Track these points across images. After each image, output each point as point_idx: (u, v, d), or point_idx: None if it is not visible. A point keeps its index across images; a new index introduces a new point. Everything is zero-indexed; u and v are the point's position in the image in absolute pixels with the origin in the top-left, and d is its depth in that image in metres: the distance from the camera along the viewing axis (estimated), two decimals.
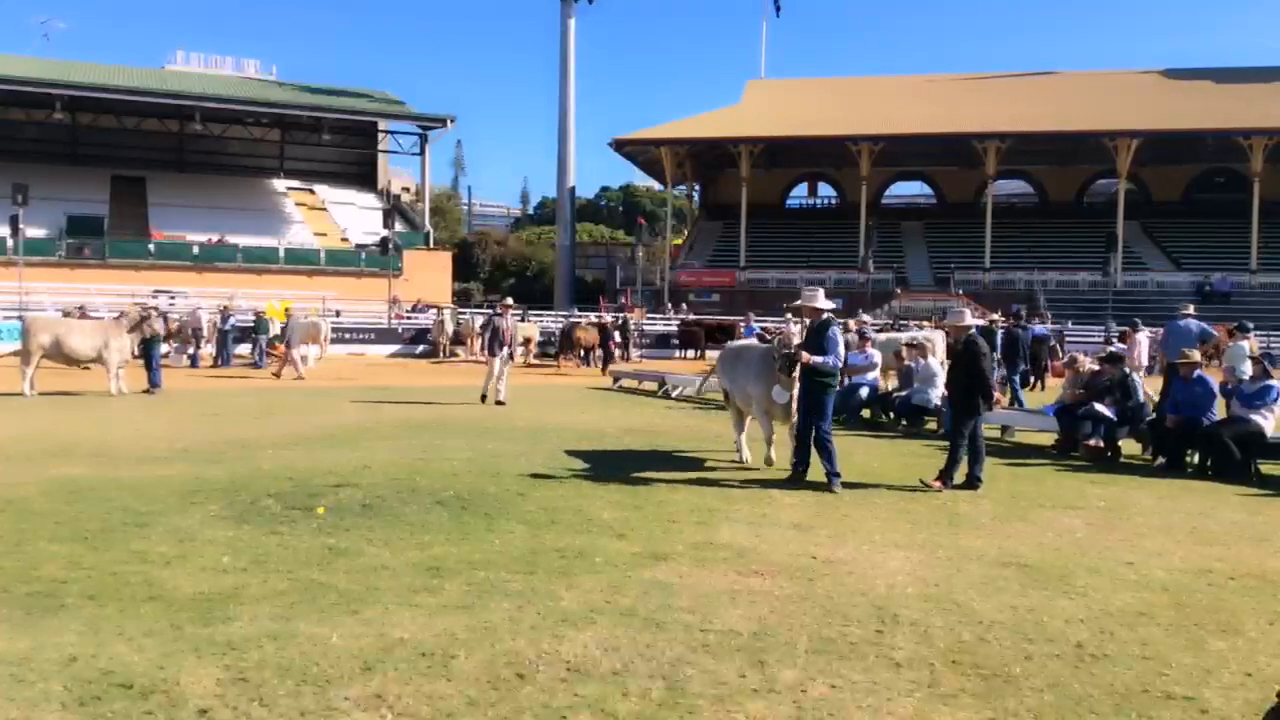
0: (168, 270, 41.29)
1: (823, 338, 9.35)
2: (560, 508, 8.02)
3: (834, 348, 9.35)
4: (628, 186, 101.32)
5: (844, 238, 52.87)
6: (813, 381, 9.30)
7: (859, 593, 5.77)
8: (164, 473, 9.48)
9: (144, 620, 5.01)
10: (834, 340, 9.37)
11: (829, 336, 9.36)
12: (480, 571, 6.04)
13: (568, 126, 56.60)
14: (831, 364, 9.36)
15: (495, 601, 5.43)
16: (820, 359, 9.22)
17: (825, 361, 9.27)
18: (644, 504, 8.31)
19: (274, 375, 23.80)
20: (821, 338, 9.35)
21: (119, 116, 49.14)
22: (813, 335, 9.45)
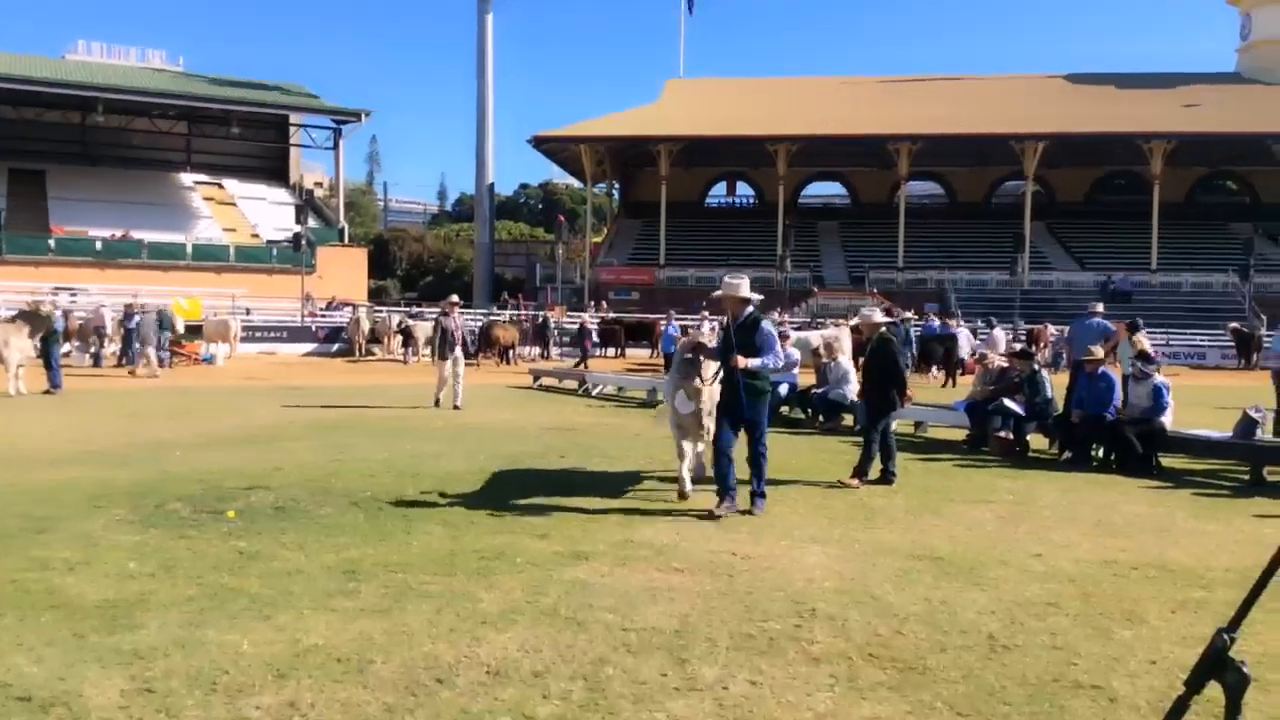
0: (69, 266, 39.84)
1: (755, 334, 7.92)
2: (480, 508, 7.93)
3: (770, 346, 7.90)
4: (547, 184, 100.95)
5: (762, 237, 53.42)
6: (747, 388, 7.78)
7: (778, 588, 5.82)
8: (66, 476, 9.13)
9: (44, 629, 4.81)
10: (769, 337, 7.95)
11: (763, 333, 7.94)
12: (398, 574, 5.93)
13: (486, 123, 56.17)
14: (772, 365, 7.99)
15: (413, 604, 5.34)
16: (757, 361, 7.79)
17: (764, 364, 7.87)
18: (564, 503, 8.26)
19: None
20: (754, 335, 7.92)
21: (17, 107, 47.11)
22: (742, 333, 7.91)
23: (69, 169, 47.60)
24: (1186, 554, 6.94)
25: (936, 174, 60.59)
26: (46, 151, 48.08)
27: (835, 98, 58.35)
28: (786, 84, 65.46)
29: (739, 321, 7.98)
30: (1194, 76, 58.30)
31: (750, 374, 7.80)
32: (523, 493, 8.62)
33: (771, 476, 9.46)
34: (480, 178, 57.24)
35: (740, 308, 8.06)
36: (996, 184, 60.76)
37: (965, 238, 54.01)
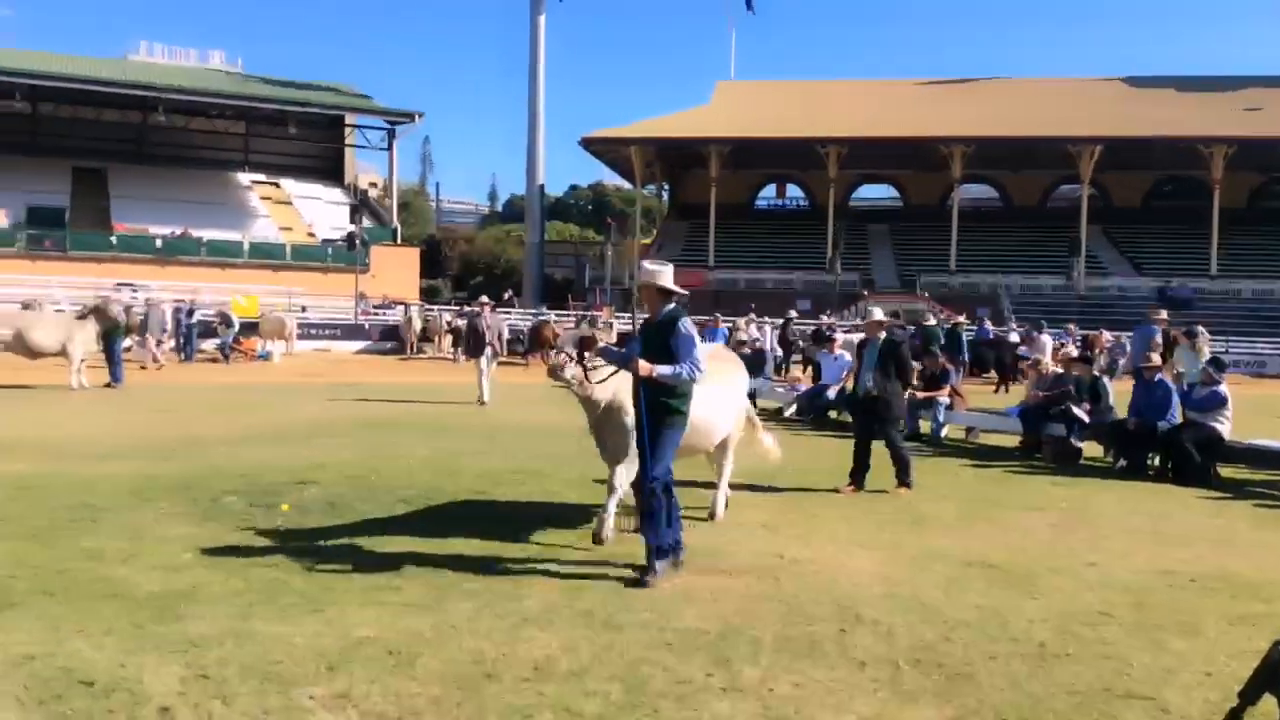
0: (130, 263, 40.70)
1: (671, 336, 6.13)
2: (519, 507, 7.99)
3: (686, 352, 6.04)
4: (597, 185, 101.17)
5: (812, 239, 53.07)
6: (649, 404, 6.09)
7: (824, 592, 5.80)
8: (120, 469, 9.34)
9: (103, 618, 4.93)
10: (686, 341, 6.08)
11: (679, 335, 6.11)
12: (441, 571, 6.00)
13: (537, 124, 56.42)
14: (686, 375, 6.04)
15: (457, 601, 5.40)
16: (667, 369, 5.99)
17: (675, 373, 6.01)
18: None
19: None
20: (669, 336, 6.14)
21: (80, 106, 48.37)
22: (656, 334, 6.25)
23: (130, 168, 48.64)
24: (1247, 566, 6.79)
25: (990, 177, 59.72)
26: (108, 150, 49.20)
27: (887, 100, 57.81)
28: (837, 86, 64.97)
29: (657, 319, 6.35)
30: (1255, 79, 56.87)
31: (655, 386, 6.06)
32: (563, 492, 8.67)
33: (819, 482, 9.46)
34: (530, 179, 57.53)
35: (659, 301, 6.35)
36: (1051, 188, 59.79)
37: (1019, 242, 53.20)
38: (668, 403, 6.14)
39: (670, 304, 6.35)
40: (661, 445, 6.14)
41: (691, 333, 6.19)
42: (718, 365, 7.44)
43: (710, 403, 7.05)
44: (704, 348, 6.53)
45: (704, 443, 7.37)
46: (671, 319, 6.24)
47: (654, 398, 6.10)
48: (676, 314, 6.28)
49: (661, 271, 6.42)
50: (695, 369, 6.07)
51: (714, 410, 7.26)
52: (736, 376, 7.95)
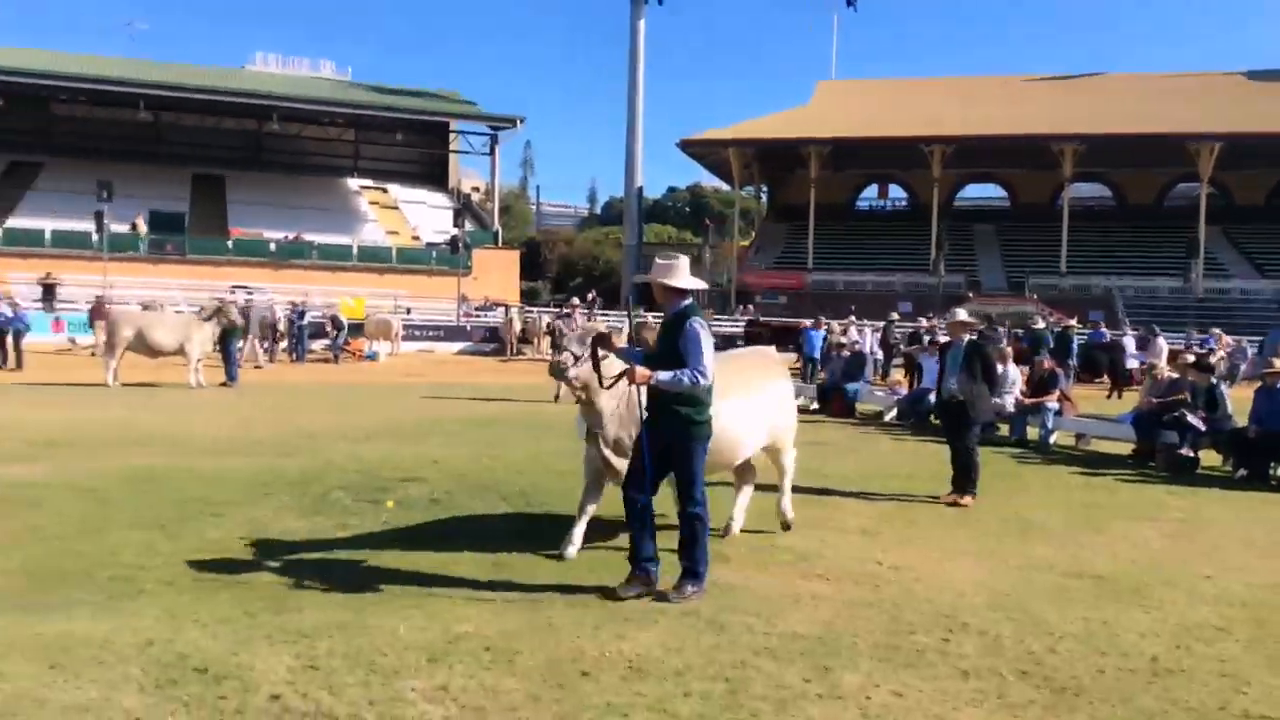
0: (246, 267, 42.26)
1: (679, 338, 5.53)
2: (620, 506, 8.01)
3: (693, 357, 5.44)
4: (695, 186, 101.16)
5: (915, 240, 52.17)
6: (668, 416, 5.57)
7: (926, 600, 5.69)
8: (237, 464, 9.71)
9: (219, 607, 5.13)
10: (694, 342, 5.47)
11: (687, 337, 5.50)
12: (544, 568, 6.08)
13: (636, 127, 56.71)
14: (688, 383, 5.43)
15: (556, 599, 5.46)
16: (666, 375, 5.44)
17: (676, 380, 5.44)
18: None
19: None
20: (677, 339, 5.54)
21: (200, 115, 50.52)
22: (666, 335, 5.71)
23: (246, 174, 50.55)
24: None
25: (1103, 175, 57.75)
26: (226, 158, 51.29)
27: (994, 97, 56.44)
28: (942, 84, 63.72)
29: (666, 319, 5.78)
30: None
31: (668, 396, 5.53)
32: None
33: (921, 488, 9.29)
34: (629, 181, 57.86)
35: (672, 300, 5.73)
36: (1168, 186, 57.56)
37: (1134, 242, 51.36)
38: (683, 413, 5.54)
39: (685, 301, 5.71)
40: (689, 465, 5.63)
41: (700, 334, 5.50)
42: (747, 373, 6.95)
43: (730, 415, 6.37)
44: (736, 352, 6.25)
45: (720, 460, 6.55)
46: (679, 318, 5.61)
47: (668, 409, 5.54)
48: (686, 312, 5.63)
49: (670, 266, 5.74)
50: (699, 375, 5.41)
51: (734, 424, 6.50)
52: (770, 385, 7.12)
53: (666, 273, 5.69)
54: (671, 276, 5.67)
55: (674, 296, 5.70)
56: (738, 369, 6.90)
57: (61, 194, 42.57)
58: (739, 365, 7.12)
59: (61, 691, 3.97)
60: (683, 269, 5.74)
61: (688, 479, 5.64)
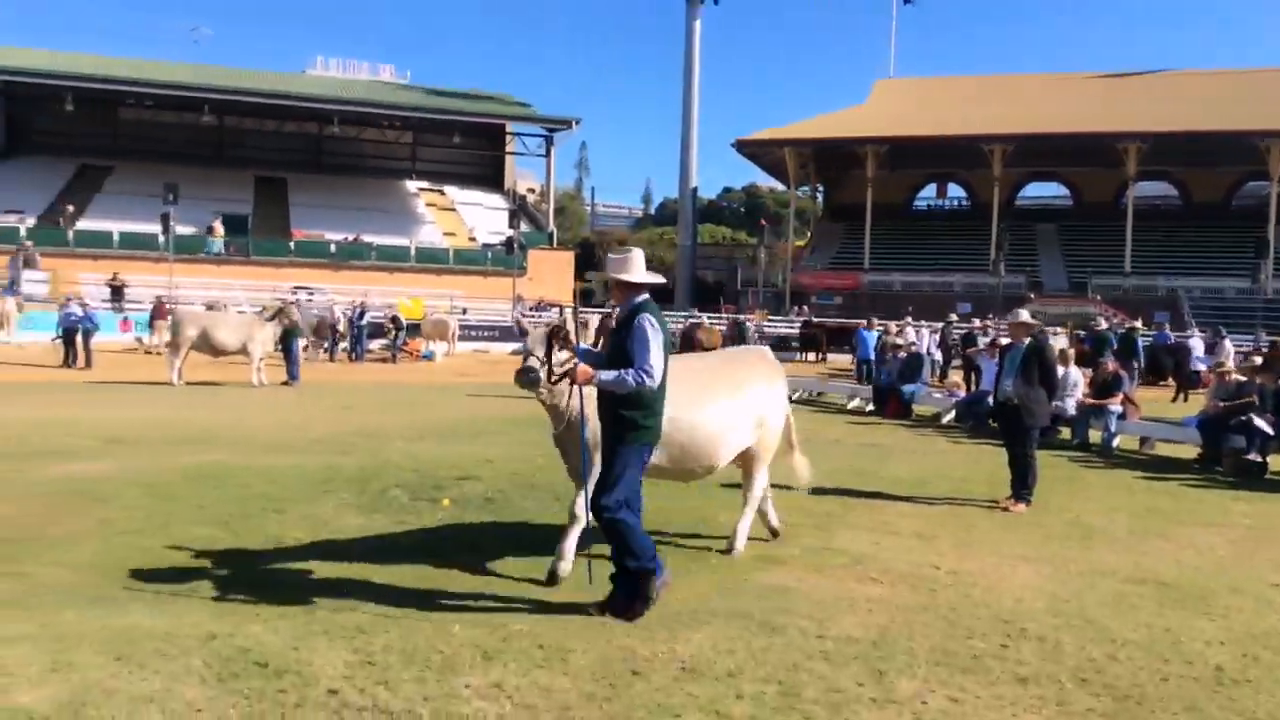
0: (307, 268, 42.93)
1: (627, 337, 5.23)
2: (675, 508, 8.02)
3: (639, 356, 5.13)
4: (750, 187, 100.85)
5: (974, 240, 51.44)
6: (612, 418, 5.28)
7: (984, 605, 5.61)
8: (298, 461, 9.88)
9: (279, 602, 5.23)
10: (641, 340, 5.15)
11: (635, 336, 5.18)
12: (597, 568, 6.09)
13: (691, 128, 56.69)
14: (632, 383, 5.10)
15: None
16: (610, 375, 5.14)
17: (620, 380, 5.11)
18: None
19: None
20: (626, 337, 5.24)
21: (262, 119, 51.50)
22: (618, 333, 5.40)
23: (307, 177, 51.40)
24: None
25: (1168, 174, 56.39)
26: (288, 161, 52.21)
27: (1055, 94, 55.42)
28: (1002, 81, 62.73)
29: (620, 316, 5.46)
30: None
31: (611, 395, 5.22)
32: (717, 494, 8.66)
33: (979, 493, 9.16)
34: (684, 181, 57.84)
35: (626, 295, 5.41)
36: (1236, 185, 56.03)
37: (1200, 242, 50.07)
38: (625, 415, 5.20)
39: (639, 298, 5.36)
40: (615, 467, 5.21)
41: (648, 332, 5.15)
42: (731, 371, 6.64)
43: (710, 416, 6.14)
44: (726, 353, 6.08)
45: (698, 463, 6.24)
46: (631, 315, 5.28)
47: (610, 409, 5.27)
48: (638, 309, 5.28)
49: (624, 260, 5.43)
50: (643, 375, 5.07)
51: (715, 425, 6.19)
52: (757, 385, 6.65)
53: (620, 267, 5.40)
54: (625, 271, 5.37)
55: (628, 292, 5.38)
56: (724, 370, 6.64)
57: (129, 196, 43.65)
58: (725, 366, 6.82)
59: (128, 682, 4.07)
60: (637, 263, 5.42)
61: (612, 476, 5.20)
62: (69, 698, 3.90)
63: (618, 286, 5.41)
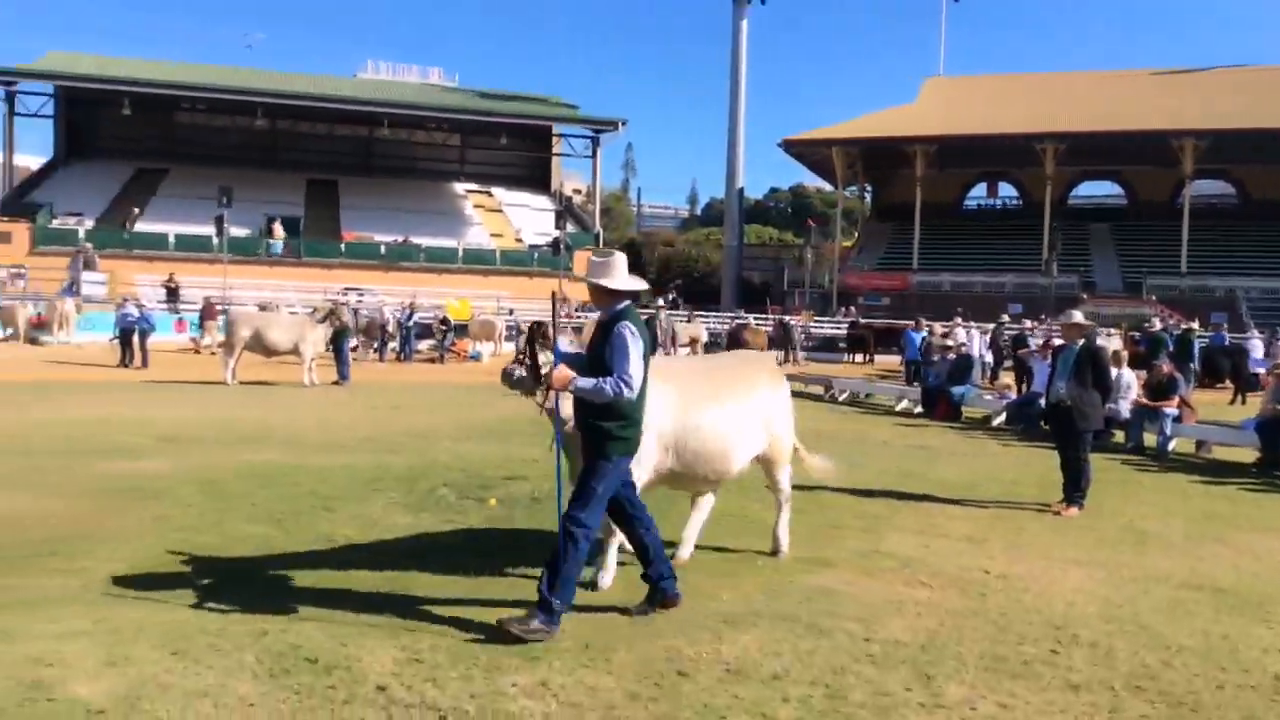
0: (357, 269, 43.48)
1: (606, 344, 5.04)
2: (722, 509, 7.99)
3: (623, 364, 4.92)
4: (797, 187, 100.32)
5: (1025, 240, 50.69)
6: (588, 427, 5.09)
7: (1034, 610, 5.53)
8: (349, 460, 10.01)
9: (329, 599, 5.30)
10: (620, 348, 4.95)
11: (613, 344, 4.99)
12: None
13: (737, 128, 56.48)
14: (610, 392, 4.90)
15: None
16: (587, 383, 4.95)
17: (598, 389, 4.92)
18: (807, 508, 8.19)
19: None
20: (605, 344, 5.06)
21: (314, 123, 52.25)
22: (598, 339, 5.16)
23: (358, 179, 52.05)
24: None
25: (1226, 172, 55.13)
26: (339, 164, 52.89)
27: (1109, 92, 54.41)
28: (1055, 78, 61.73)
29: (601, 320, 5.25)
30: None
31: (587, 403, 5.04)
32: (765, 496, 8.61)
33: (1031, 496, 9.03)
34: (730, 182, 57.66)
35: (606, 301, 5.20)
36: None
37: (1259, 241, 48.89)
38: (601, 425, 5.01)
39: (620, 304, 5.17)
40: (591, 480, 5.01)
41: (629, 340, 4.95)
42: (739, 375, 6.49)
43: (715, 424, 5.98)
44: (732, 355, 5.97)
45: (711, 468, 6.09)
46: (610, 321, 5.09)
47: (585, 417, 5.08)
48: (618, 316, 5.08)
49: (605, 264, 5.21)
50: (622, 384, 4.88)
51: (728, 429, 6.06)
52: (764, 389, 6.49)
53: (600, 272, 5.18)
54: (605, 276, 5.15)
55: (608, 298, 5.17)
56: (731, 373, 6.53)
57: (184, 199, 44.51)
58: (733, 369, 6.70)
59: (182, 677, 4.15)
60: (618, 268, 5.19)
61: (584, 491, 5.01)
62: (125, 691, 3.98)
63: (597, 292, 5.20)
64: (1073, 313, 9.73)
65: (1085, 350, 8.85)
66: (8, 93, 44.53)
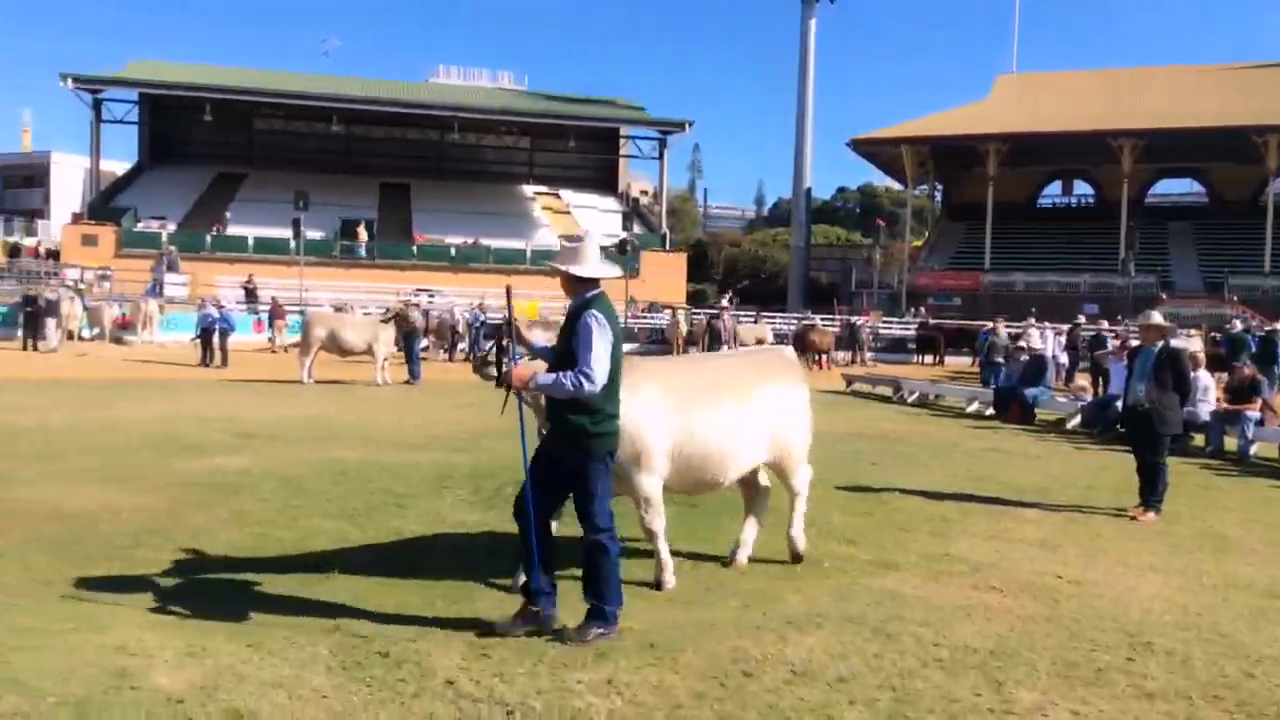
0: (428, 271, 44.08)
1: (573, 335, 4.82)
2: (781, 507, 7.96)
3: (585, 357, 4.70)
4: (866, 186, 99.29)
5: (1101, 239, 49.53)
6: (559, 424, 4.91)
7: (1109, 617, 5.42)
8: (419, 458, 10.17)
9: (400, 594, 5.41)
10: (585, 340, 4.72)
11: (579, 334, 4.76)
12: (707, 569, 6.11)
13: (805, 128, 56.04)
14: (569, 386, 4.70)
15: (722, 599, 5.49)
16: (547, 379, 4.79)
17: (558, 384, 4.74)
18: (875, 510, 8.14)
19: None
20: (571, 337, 4.85)
21: (387, 127, 53.15)
22: (563, 330, 5.01)
23: (429, 183, 52.82)
24: None
25: None
26: (410, 167, 53.73)
27: (1189, 87, 52.85)
28: (1132, 74, 60.10)
29: (570, 311, 5.00)
30: None
31: (561, 401, 4.83)
32: (831, 497, 8.57)
33: (1106, 500, 8.85)
34: (798, 182, 57.23)
35: (575, 290, 4.97)
36: None
37: None
38: (571, 420, 4.81)
39: (590, 292, 4.92)
40: (584, 485, 4.90)
41: (593, 330, 4.70)
42: (744, 374, 6.16)
43: (720, 423, 5.73)
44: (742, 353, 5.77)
45: (706, 474, 5.80)
46: (577, 311, 4.85)
47: (560, 417, 4.86)
48: (585, 305, 4.84)
49: (574, 251, 4.99)
50: (582, 378, 4.65)
51: (725, 433, 5.76)
52: (771, 388, 6.16)
53: (568, 258, 4.95)
54: (574, 262, 4.91)
55: (578, 286, 4.92)
56: (736, 371, 6.24)
57: (262, 203, 45.60)
58: (739, 366, 6.40)
59: (258, 668, 4.26)
60: (588, 254, 4.95)
61: (584, 499, 4.87)
62: (203, 681, 4.11)
63: (566, 280, 4.95)
64: (1151, 313, 9.49)
65: (1164, 352, 8.64)
66: (95, 100, 45.99)
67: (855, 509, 8.13)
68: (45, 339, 25.14)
